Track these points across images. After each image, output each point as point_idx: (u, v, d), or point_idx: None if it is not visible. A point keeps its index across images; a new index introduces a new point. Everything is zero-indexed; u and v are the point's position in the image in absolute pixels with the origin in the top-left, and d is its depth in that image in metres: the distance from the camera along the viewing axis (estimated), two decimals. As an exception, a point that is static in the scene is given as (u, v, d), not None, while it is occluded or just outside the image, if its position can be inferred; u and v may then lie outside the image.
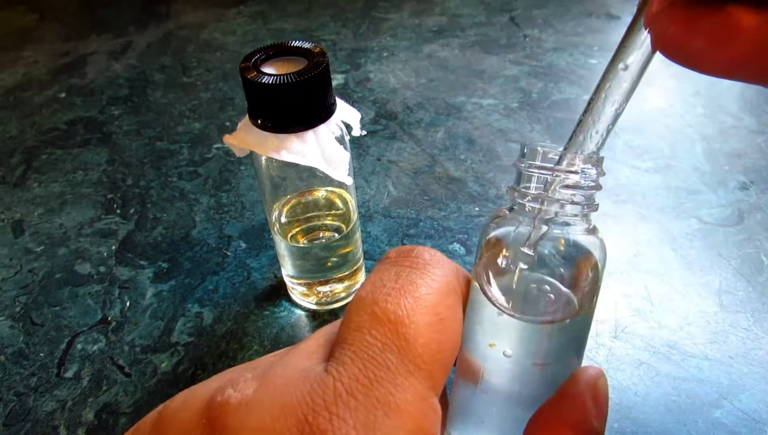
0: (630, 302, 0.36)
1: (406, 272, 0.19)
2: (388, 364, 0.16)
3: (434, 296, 0.18)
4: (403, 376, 0.16)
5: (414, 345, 0.17)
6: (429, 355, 0.17)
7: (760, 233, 0.41)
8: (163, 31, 0.77)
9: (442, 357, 0.17)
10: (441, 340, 0.17)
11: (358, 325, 0.17)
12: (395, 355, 0.16)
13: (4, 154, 0.55)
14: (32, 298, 0.39)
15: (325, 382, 0.16)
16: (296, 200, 0.34)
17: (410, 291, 0.18)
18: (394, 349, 0.16)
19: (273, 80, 0.26)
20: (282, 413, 0.15)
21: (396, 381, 0.16)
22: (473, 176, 0.48)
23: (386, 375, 0.16)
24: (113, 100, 0.62)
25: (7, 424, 0.32)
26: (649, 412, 0.30)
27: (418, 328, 0.17)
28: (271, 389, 0.16)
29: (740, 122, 0.52)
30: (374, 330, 0.17)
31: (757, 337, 0.34)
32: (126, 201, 0.48)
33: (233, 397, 0.16)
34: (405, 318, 0.17)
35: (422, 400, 0.16)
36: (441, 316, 0.18)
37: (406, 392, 0.16)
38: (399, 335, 0.17)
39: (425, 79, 0.62)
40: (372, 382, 0.16)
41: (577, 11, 0.75)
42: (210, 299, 0.38)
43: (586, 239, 0.21)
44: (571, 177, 0.20)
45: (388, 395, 0.15)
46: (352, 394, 0.15)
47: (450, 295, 0.19)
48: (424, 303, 0.18)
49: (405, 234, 0.42)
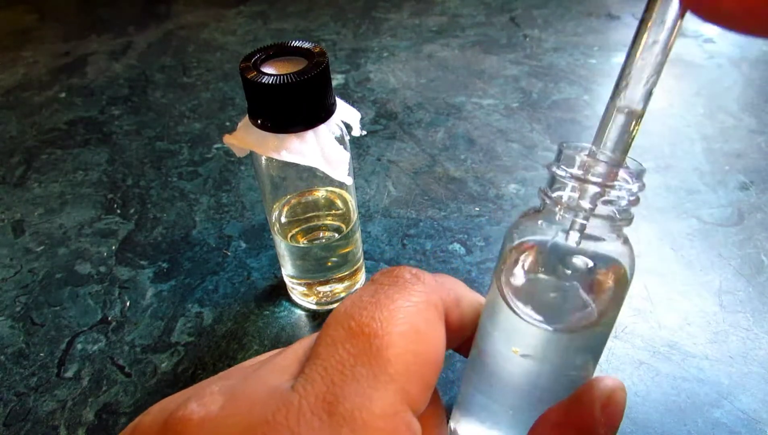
0: (630, 302, 0.36)
1: (384, 289, 0.18)
2: (358, 378, 0.15)
3: (411, 309, 0.17)
4: (372, 387, 0.15)
5: (386, 355, 0.16)
6: (402, 366, 0.16)
7: (760, 233, 0.41)
8: (163, 31, 0.77)
9: (417, 369, 0.16)
10: (417, 351, 0.16)
11: (333, 339, 0.17)
12: (366, 368, 0.16)
13: (4, 154, 0.55)
14: (32, 298, 0.39)
15: (290, 401, 0.15)
16: (296, 200, 0.34)
17: (386, 304, 0.17)
18: (366, 362, 0.16)
19: (273, 80, 0.26)
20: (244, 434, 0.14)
21: (365, 394, 0.15)
22: (473, 176, 0.48)
23: (355, 389, 0.15)
24: (113, 100, 0.62)
25: (7, 424, 0.32)
26: (649, 412, 0.30)
27: (392, 338, 0.16)
28: (235, 407, 0.16)
29: (740, 122, 0.52)
30: (348, 344, 0.16)
31: (757, 337, 0.34)
32: (126, 201, 0.48)
33: (196, 414, 0.15)
34: (379, 330, 0.16)
35: (393, 414, 0.15)
36: (417, 328, 0.17)
37: (375, 406, 0.15)
38: (372, 347, 0.16)
39: (425, 79, 0.62)
40: (339, 398, 0.15)
41: (577, 11, 0.75)
42: (210, 299, 0.38)
43: (615, 249, 0.20)
44: (610, 192, 0.18)
45: (355, 411, 0.15)
46: (316, 413, 0.15)
47: (429, 311, 0.18)
48: (398, 314, 0.17)
49: (405, 234, 0.42)
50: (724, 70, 0.60)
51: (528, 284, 0.21)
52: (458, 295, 0.21)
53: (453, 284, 0.21)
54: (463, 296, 0.21)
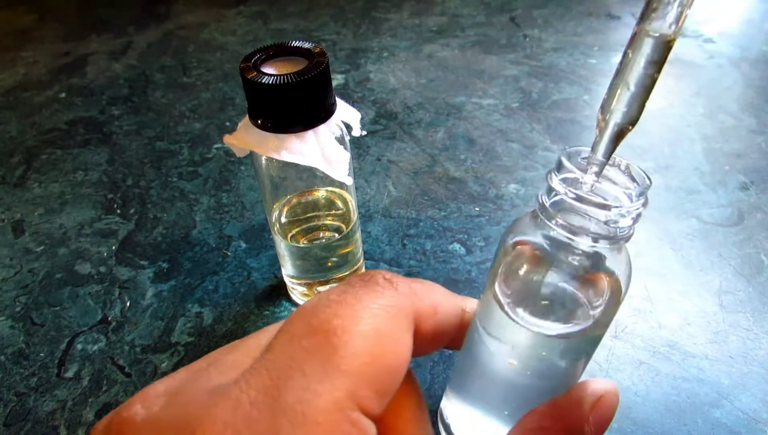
0: (630, 302, 0.36)
1: (354, 290, 0.18)
2: (306, 372, 0.15)
3: (377, 311, 0.17)
4: (319, 382, 0.15)
5: (341, 352, 0.15)
6: (356, 366, 0.15)
7: (760, 233, 0.41)
8: (163, 31, 0.77)
9: (373, 372, 0.16)
10: (375, 353, 0.16)
11: (291, 335, 0.16)
12: (318, 363, 0.15)
13: (4, 154, 0.55)
14: (32, 298, 0.39)
15: (227, 394, 0.15)
16: (296, 200, 0.34)
17: (352, 304, 0.17)
18: (319, 358, 0.15)
19: (273, 80, 0.26)
20: (181, 431, 0.14)
21: (309, 388, 0.15)
22: (473, 176, 0.48)
23: (300, 382, 0.15)
24: (113, 100, 0.62)
25: (8, 424, 0.32)
26: (649, 412, 0.30)
27: (351, 337, 0.16)
28: (175, 407, 0.15)
29: (740, 122, 0.52)
30: (305, 340, 0.16)
31: (757, 337, 0.34)
32: (126, 201, 0.48)
33: (139, 415, 0.15)
34: (338, 328, 0.16)
35: (338, 410, 0.15)
36: (380, 331, 0.17)
37: (319, 400, 0.15)
38: (329, 344, 0.16)
39: (425, 79, 0.62)
40: (281, 392, 0.15)
41: (577, 11, 0.75)
42: (210, 299, 0.38)
43: (612, 259, 0.20)
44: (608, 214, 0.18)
45: (296, 404, 0.14)
46: (254, 404, 0.14)
47: (397, 316, 0.18)
48: (362, 315, 0.17)
49: (405, 234, 0.42)
50: (724, 70, 0.60)
51: (523, 290, 0.21)
52: (435, 303, 0.20)
53: (430, 291, 0.21)
54: (440, 304, 0.21)
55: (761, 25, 0.69)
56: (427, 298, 0.20)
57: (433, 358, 0.33)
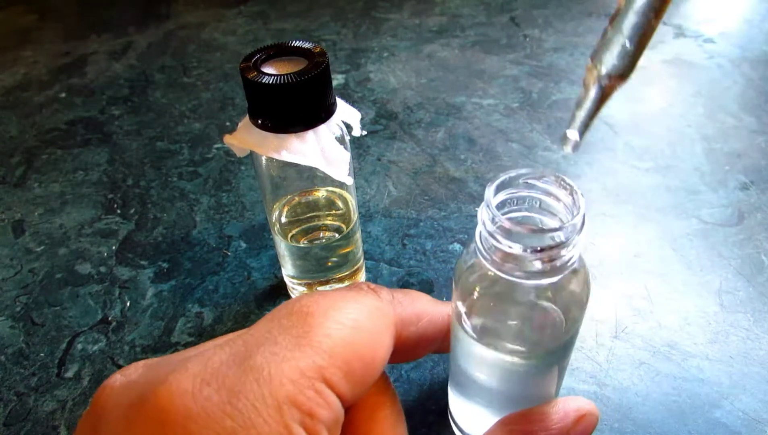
0: (630, 302, 0.36)
1: (339, 292, 0.19)
2: (278, 341, 0.16)
3: (359, 307, 0.18)
4: (289, 350, 0.16)
5: (316, 330, 0.16)
6: (328, 344, 0.16)
7: (761, 233, 0.41)
8: (164, 32, 0.77)
9: (345, 358, 0.16)
10: (351, 342, 0.17)
11: (272, 315, 0.17)
12: (291, 336, 0.16)
13: (4, 154, 0.55)
14: (32, 298, 0.39)
15: (200, 356, 0.16)
16: (296, 200, 0.34)
17: (333, 299, 0.18)
18: (293, 332, 0.16)
19: (273, 80, 0.26)
20: (152, 388, 0.15)
21: (278, 353, 0.15)
22: (473, 176, 0.48)
23: (271, 348, 0.16)
24: (113, 100, 0.62)
25: (8, 424, 0.32)
26: (649, 412, 0.30)
27: (327, 321, 0.17)
28: (152, 372, 0.16)
29: (740, 122, 0.52)
30: (284, 319, 0.17)
31: (757, 337, 0.34)
32: (126, 201, 0.48)
33: (118, 381, 0.16)
34: (317, 312, 0.17)
35: (303, 376, 0.15)
36: (359, 324, 0.17)
37: (286, 364, 0.15)
38: (305, 323, 0.16)
39: (425, 79, 0.62)
40: (252, 354, 0.15)
41: (577, 11, 0.75)
42: (210, 299, 0.38)
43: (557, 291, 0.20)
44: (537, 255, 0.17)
45: (264, 364, 0.15)
46: (224, 362, 0.15)
47: (377, 317, 0.18)
48: (345, 307, 0.18)
49: (405, 234, 0.42)
50: (724, 70, 0.60)
51: (477, 309, 0.21)
52: (418, 312, 0.21)
53: (414, 301, 0.22)
54: (424, 313, 0.22)
55: (761, 25, 0.69)
56: (410, 307, 0.21)
57: (434, 359, 0.33)
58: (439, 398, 0.31)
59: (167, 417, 0.14)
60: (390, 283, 0.39)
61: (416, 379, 0.32)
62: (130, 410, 0.15)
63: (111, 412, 0.15)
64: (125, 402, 0.15)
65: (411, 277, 0.39)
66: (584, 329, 0.35)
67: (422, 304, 0.22)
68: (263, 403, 0.14)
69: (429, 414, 0.31)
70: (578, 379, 0.32)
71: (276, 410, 0.14)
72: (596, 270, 0.38)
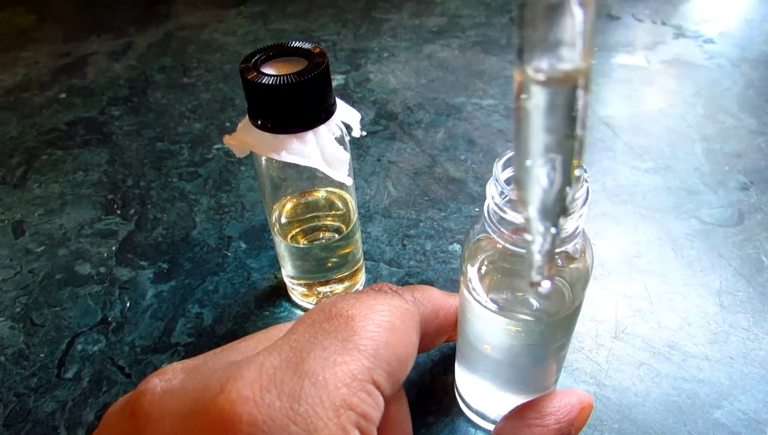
0: (630, 302, 0.36)
1: (368, 293, 0.20)
2: (326, 346, 0.16)
3: (391, 309, 0.19)
4: (338, 354, 0.16)
5: (360, 333, 0.17)
6: (373, 347, 0.17)
7: (760, 233, 0.41)
8: (164, 32, 0.77)
9: (387, 358, 0.17)
10: (390, 343, 0.17)
11: (312, 320, 0.18)
12: (338, 341, 0.17)
13: (4, 155, 0.55)
14: (32, 298, 0.39)
15: (251, 362, 0.16)
16: (296, 201, 0.34)
17: (367, 302, 0.19)
18: (338, 337, 0.17)
19: (273, 81, 0.26)
20: (209, 396, 0.15)
21: (329, 358, 0.16)
22: (473, 177, 0.48)
23: (321, 354, 0.16)
24: (113, 101, 0.62)
25: (7, 425, 0.32)
26: (649, 413, 0.30)
27: (368, 324, 0.17)
28: (197, 377, 0.16)
29: (740, 122, 0.52)
30: (326, 323, 0.17)
31: (757, 337, 0.34)
32: (126, 201, 0.48)
33: (159, 387, 0.16)
34: (357, 315, 0.18)
35: (354, 379, 0.16)
36: (394, 324, 0.18)
37: (338, 369, 0.16)
38: (348, 327, 0.17)
39: (425, 79, 0.62)
40: (304, 359, 0.16)
41: (577, 11, 0.75)
42: (210, 300, 0.38)
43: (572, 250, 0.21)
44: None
45: (318, 369, 0.15)
46: (278, 368, 0.15)
47: (408, 318, 0.19)
48: (379, 309, 0.18)
49: (405, 234, 0.42)
50: (724, 71, 0.60)
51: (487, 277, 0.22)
52: (436, 308, 0.23)
53: (430, 297, 0.23)
54: (440, 307, 0.24)
55: (761, 25, 0.69)
56: (429, 305, 0.23)
57: (433, 359, 0.33)
58: (440, 397, 0.31)
59: (232, 425, 0.14)
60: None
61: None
62: (187, 420, 0.15)
63: (161, 420, 0.15)
64: (176, 409, 0.15)
65: (411, 278, 0.39)
66: (584, 329, 0.35)
67: (437, 299, 0.24)
68: (322, 407, 0.15)
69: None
70: (578, 380, 0.32)
71: (334, 413, 0.15)
72: (596, 270, 0.38)
